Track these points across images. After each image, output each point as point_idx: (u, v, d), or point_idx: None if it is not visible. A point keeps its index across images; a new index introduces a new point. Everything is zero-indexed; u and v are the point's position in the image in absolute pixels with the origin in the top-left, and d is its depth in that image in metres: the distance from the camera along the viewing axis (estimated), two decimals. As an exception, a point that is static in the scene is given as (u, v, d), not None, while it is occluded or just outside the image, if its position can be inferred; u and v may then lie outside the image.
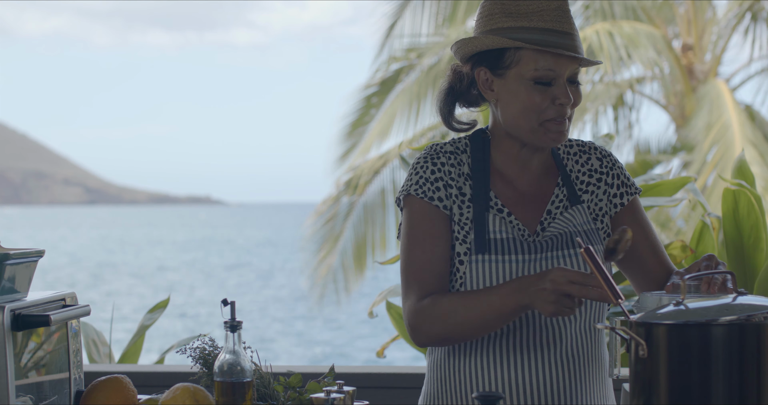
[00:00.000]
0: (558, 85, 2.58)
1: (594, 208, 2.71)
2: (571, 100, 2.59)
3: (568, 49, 2.57)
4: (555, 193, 2.69)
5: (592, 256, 2.36)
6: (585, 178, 2.73)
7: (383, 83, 13.85)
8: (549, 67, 2.57)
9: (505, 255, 2.59)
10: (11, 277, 2.56)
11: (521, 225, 2.63)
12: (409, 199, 2.66)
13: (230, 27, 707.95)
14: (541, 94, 2.58)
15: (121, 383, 2.67)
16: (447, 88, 2.73)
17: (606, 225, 2.71)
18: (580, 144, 2.77)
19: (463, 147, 2.70)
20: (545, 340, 2.60)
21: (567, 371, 2.61)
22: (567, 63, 2.58)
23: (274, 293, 41.84)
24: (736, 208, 4.35)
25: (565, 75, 2.58)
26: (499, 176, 2.68)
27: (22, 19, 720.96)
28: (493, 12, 2.61)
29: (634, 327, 2.20)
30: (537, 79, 2.58)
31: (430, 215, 2.63)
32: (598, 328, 2.57)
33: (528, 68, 2.58)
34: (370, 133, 13.77)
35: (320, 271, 13.54)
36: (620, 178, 2.74)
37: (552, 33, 2.57)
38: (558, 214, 2.67)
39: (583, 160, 2.74)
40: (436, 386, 2.69)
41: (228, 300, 2.52)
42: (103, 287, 43.23)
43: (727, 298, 2.23)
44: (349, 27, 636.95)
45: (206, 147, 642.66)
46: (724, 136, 12.57)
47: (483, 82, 2.65)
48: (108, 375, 2.70)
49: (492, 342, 2.61)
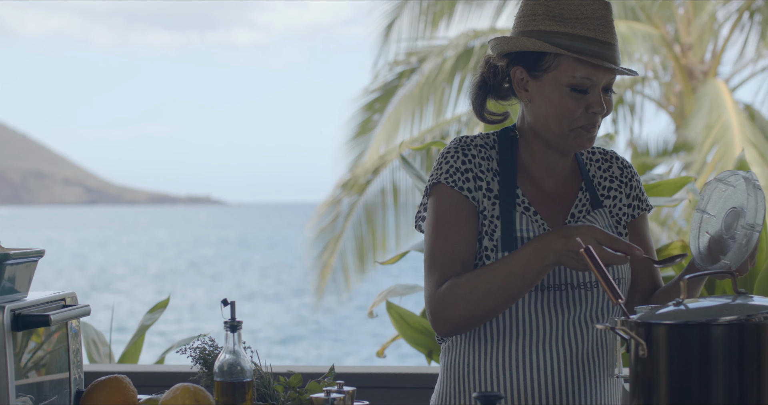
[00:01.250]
0: (593, 94, 2.58)
1: (616, 212, 2.74)
2: (605, 109, 2.59)
3: (607, 60, 2.56)
4: (578, 196, 2.71)
5: (591, 255, 2.36)
6: (606, 183, 2.75)
7: (385, 88, 13.85)
8: (587, 76, 2.57)
9: None
10: (11, 277, 2.56)
11: (546, 225, 2.64)
12: (437, 187, 2.66)
13: (232, 27, 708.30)
14: (575, 101, 2.58)
15: (121, 383, 2.67)
16: (480, 81, 2.73)
17: (626, 231, 2.74)
18: (603, 152, 2.80)
19: (492, 143, 2.70)
20: (565, 341, 2.61)
21: (585, 372, 2.62)
22: (605, 73, 2.58)
23: (274, 294, 41.84)
24: (736, 208, 4.35)
25: (601, 84, 2.59)
26: (526, 175, 2.69)
27: (23, 19, 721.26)
28: (537, 12, 2.60)
29: (634, 327, 2.20)
30: (574, 86, 2.58)
31: (457, 204, 2.63)
32: (597, 328, 2.57)
33: (566, 75, 2.57)
34: (375, 140, 13.76)
35: (323, 272, 13.54)
36: (636, 191, 2.77)
37: (594, 42, 2.56)
38: (581, 217, 2.69)
39: (605, 167, 2.77)
40: (451, 386, 2.69)
41: (228, 300, 2.52)
42: (103, 287, 43.22)
43: (727, 298, 2.23)
44: (350, 27, 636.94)
45: (206, 147, 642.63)
46: (724, 136, 12.57)
47: (518, 81, 2.65)
48: (108, 375, 2.70)
49: (509, 342, 2.61)
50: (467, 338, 2.65)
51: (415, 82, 13.54)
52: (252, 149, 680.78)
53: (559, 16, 2.58)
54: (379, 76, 13.88)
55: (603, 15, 2.58)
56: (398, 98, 13.70)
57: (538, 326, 2.60)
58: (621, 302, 2.34)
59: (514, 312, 2.61)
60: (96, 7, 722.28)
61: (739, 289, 2.31)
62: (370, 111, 13.95)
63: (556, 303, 2.60)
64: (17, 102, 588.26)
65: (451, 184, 2.64)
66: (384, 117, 13.83)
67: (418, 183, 4.68)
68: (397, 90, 13.76)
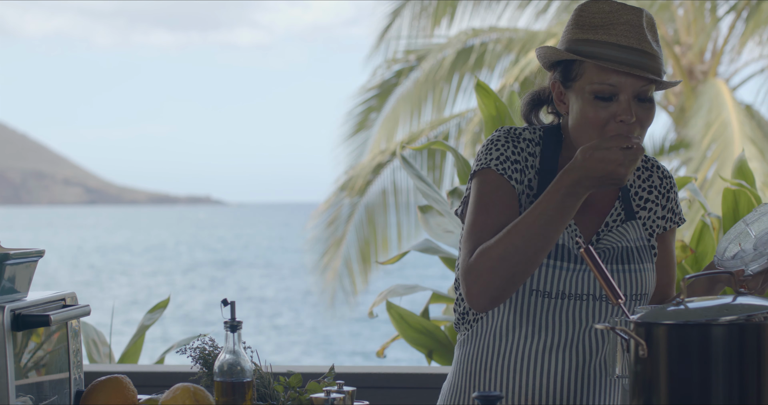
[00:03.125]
0: (620, 102, 2.52)
1: (650, 224, 2.72)
2: (633, 117, 2.52)
3: (632, 65, 2.51)
4: (614, 206, 2.69)
5: (591, 255, 2.36)
6: (644, 194, 2.73)
7: (383, 86, 13.85)
8: (609, 83, 2.52)
9: (556, 261, 2.59)
10: (11, 277, 2.56)
11: (578, 232, 2.63)
12: (485, 171, 2.62)
13: (234, 27, 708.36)
14: (600, 109, 2.53)
15: (121, 383, 2.67)
16: (532, 93, 2.72)
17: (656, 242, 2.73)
18: (644, 160, 2.76)
19: (538, 139, 2.68)
20: (580, 350, 2.61)
21: (596, 382, 2.62)
22: (631, 80, 2.52)
23: (275, 294, 41.84)
24: (736, 208, 4.36)
25: (630, 91, 2.52)
26: None
27: (24, 19, 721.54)
28: (571, 23, 2.59)
29: (634, 327, 2.20)
30: (596, 93, 2.53)
31: (503, 188, 2.60)
32: (597, 328, 2.57)
33: (588, 82, 2.53)
34: (374, 138, 13.75)
35: (326, 275, 13.53)
36: (671, 204, 2.75)
37: (615, 47, 2.51)
38: (615, 227, 2.67)
39: (645, 177, 2.74)
40: (464, 380, 2.69)
41: (228, 300, 2.52)
42: (103, 287, 43.22)
43: (727, 298, 2.23)
44: (351, 27, 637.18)
45: (206, 147, 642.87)
46: (723, 134, 12.57)
47: (557, 94, 2.63)
48: (108, 375, 2.70)
49: (525, 345, 2.62)
50: (484, 334, 2.66)
51: (413, 80, 13.54)
52: (252, 149, 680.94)
53: (586, 24, 2.55)
54: (376, 74, 13.89)
55: (628, 20, 2.52)
56: (396, 96, 13.71)
57: (555, 332, 2.60)
58: (621, 302, 2.34)
59: (535, 315, 2.61)
60: (98, 8, 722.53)
61: (739, 289, 2.31)
62: (368, 109, 13.96)
63: (576, 312, 2.60)
64: (17, 102, 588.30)
65: (501, 171, 2.61)
66: (382, 115, 13.84)
67: (418, 183, 4.68)
68: (395, 88, 13.76)
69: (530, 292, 2.60)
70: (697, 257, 4.52)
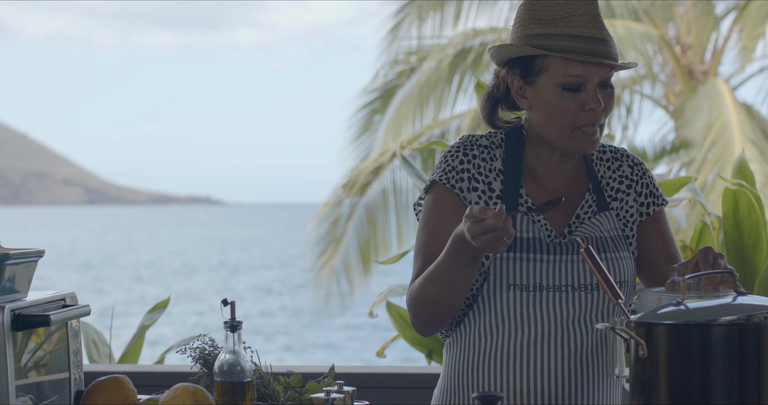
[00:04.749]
0: (587, 91, 2.58)
1: (624, 214, 2.73)
2: (602, 104, 2.58)
3: (596, 55, 2.56)
4: (585, 198, 2.71)
5: (591, 255, 2.36)
6: (615, 184, 2.74)
7: (385, 88, 13.85)
8: (577, 74, 2.57)
9: (529, 253, 2.61)
10: (11, 277, 2.56)
11: (549, 226, 2.65)
12: (434, 186, 2.69)
13: (236, 27, 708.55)
14: (569, 100, 2.58)
15: (121, 383, 2.67)
16: (488, 93, 2.75)
17: (633, 232, 2.73)
18: (613, 150, 2.78)
19: (499, 142, 2.71)
20: (565, 341, 2.61)
21: (586, 376, 2.63)
22: (596, 69, 2.57)
23: (273, 293, 41.84)
24: (737, 208, 4.36)
25: (595, 80, 2.58)
26: (531, 176, 2.70)
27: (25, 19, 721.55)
28: (524, 18, 2.62)
29: (634, 327, 2.20)
30: (565, 85, 2.58)
31: (447, 202, 2.65)
32: (597, 328, 2.57)
33: (556, 75, 2.58)
34: (380, 139, 13.75)
35: (323, 274, 13.53)
36: (649, 188, 2.76)
37: (579, 39, 2.56)
38: (586, 219, 2.68)
39: (615, 167, 2.76)
40: (453, 382, 2.70)
41: (228, 300, 2.52)
42: (103, 287, 43.22)
43: (727, 298, 2.23)
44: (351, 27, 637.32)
45: (206, 147, 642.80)
46: (724, 135, 12.57)
47: (516, 90, 2.66)
48: (108, 375, 2.70)
49: (510, 340, 2.62)
50: (468, 335, 2.66)
51: (415, 81, 13.55)
52: (252, 149, 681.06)
53: (544, 18, 2.59)
54: (378, 75, 13.89)
55: (587, 11, 2.58)
56: (399, 98, 13.71)
57: (537, 326, 2.61)
58: (621, 302, 2.34)
59: (515, 310, 2.61)
60: (99, 8, 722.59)
61: (739, 289, 2.31)
62: (372, 111, 13.96)
63: (556, 303, 2.61)
64: (17, 102, 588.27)
65: (444, 181, 2.66)
66: (386, 117, 13.84)
67: (418, 183, 4.68)
68: (398, 90, 13.76)
69: (507, 286, 2.61)
70: (697, 257, 4.52)
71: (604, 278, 2.35)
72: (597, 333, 2.63)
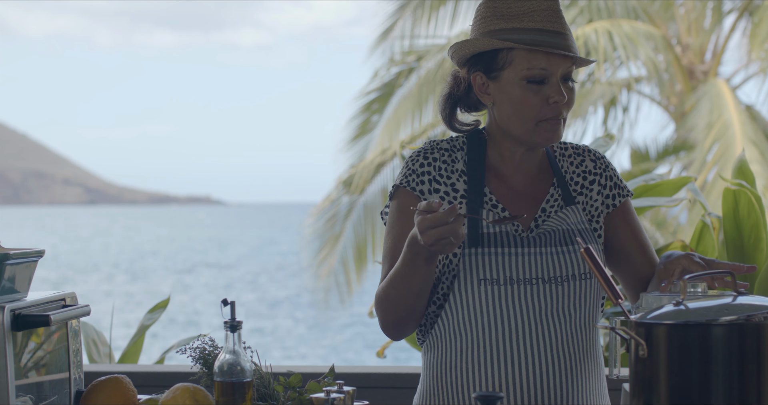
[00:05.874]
0: (551, 84, 2.62)
1: (589, 208, 2.75)
2: (565, 97, 2.62)
3: (559, 48, 2.60)
4: (550, 192, 2.73)
5: (591, 255, 2.36)
6: (579, 179, 2.77)
7: (383, 88, 13.85)
8: (542, 66, 2.60)
9: (497, 247, 2.63)
10: (11, 277, 2.56)
11: (515, 222, 2.66)
12: (398, 190, 2.73)
13: (238, 27, 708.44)
14: (534, 93, 2.61)
15: (121, 383, 2.67)
16: (447, 94, 2.77)
17: (600, 225, 2.75)
18: (575, 147, 2.81)
19: (460, 145, 2.75)
20: (539, 335, 2.61)
21: (563, 369, 2.62)
22: (559, 62, 2.61)
23: (274, 294, 41.85)
24: (737, 208, 4.36)
25: (558, 73, 2.62)
26: (495, 174, 2.72)
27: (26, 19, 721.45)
28: (486, 15, 2.66)
29: (634, 327, 2.20)
30: (530, 78, 2.61)
31: (409, 206, 2.68)
32: (598, 328, 2.57)
33: (520, 68, 2.61)
34: (376, 142, 13.76)
35: (321, 271, 13.53)
36: (613, 180, 2.79)
37: (543, 33, 2.60)
38: (552, 213, 2.70)
39: (578, 162, 2.78)
40: (432, 384, 2.70)
41: (228, 300, 2.52)
42: (103, 287, 43.22)
43: (727, 298, 2.23)
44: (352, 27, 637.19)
45: (206, 147, 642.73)
46: (725, 135, 12.57)
47: (479, 86, 2.69)
48: (108, 375, 2.70)
49: (484, 338, 2.62)
50: (443, 335, 2.67)
51: (414, 81, 13.55)
52: (252, 149, 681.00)
53: (506, 14, 2.63)
54: (377, 75, 13.90)
55: (549, 5, 2.63)
56: (398, 98, 13.72)
57: (510, 319, 2.61)
58: (621, 302, 2.34)
59: (487, 305, 2.62)
60: (101, 8, 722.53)
61: (739, 289, 2.31)
62: (369, 111, 13.97)
63: (528, 296, 2.62)
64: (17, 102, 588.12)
65: (406, 185, 2.70)
66: (384, 117, 13.84)
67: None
68: (396, 90, 13.77)
69: (478, 281, 2.62)
70: (697, 257, 4.52)
71: (605, 278, 2.36)
72: (571, 325, 2.63)
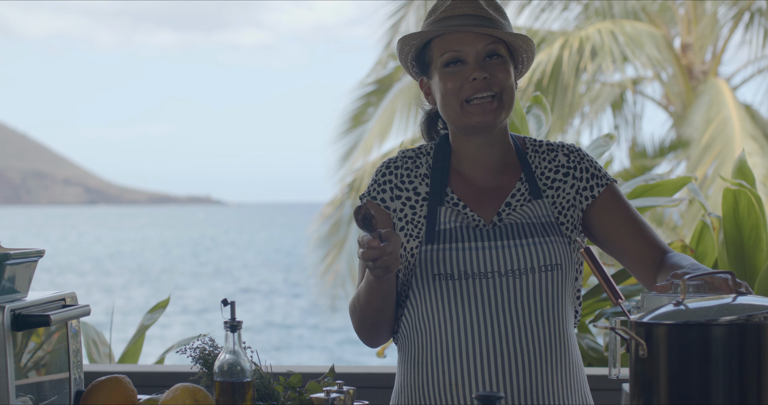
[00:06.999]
0: (468, 63, 2.65)
1: (560, 201, 2.74)
2: (483, 74, 2.63)
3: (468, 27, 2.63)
4: (517, 187, 2.74)
5: (591, 255, 2.36)
6: (551, 174, 2.76)
7: (381, 81, 13.86)
8: (453, 49, 2.65)
9: (452, 243, 2.64)
10: (11, 277, 2.56)
11: (476, 216, 2.69)
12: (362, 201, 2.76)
13: (239, 27, 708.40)
14: (453, 76, 2.66)
15: (121, 383, 2.67)
16: (424, 117, 2.86)
17: (572, 219, 2.73)
18: (549, 143, 2.82)
19: (427, 150, 2.80)
20: (496, 326, 2.62)
21: (525, 362, 2.63)
22: (472, 41, 2.65)
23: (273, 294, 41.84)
24: (737, 208, 4.36)
25: (474, 52, 2.65)
26: (458, 175, 2.75)
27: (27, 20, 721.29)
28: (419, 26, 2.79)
29: (634, 327, 2.20)
30: (446, 62, 2.66)
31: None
32: (598, 328, 2.57)
33: (438, 56, 2.68)
34: (370, 133, 13.78)
35: (327, 278, 13.52)
36: (589, 171, 2.77)
37: (453, 18, 2.66)
38: (518, 206, 2.71)
39: (551, 157, 2.78)
40: (401, 380, 2.74)
41: (228, 300, 2.52)
42: (103, 287, 43.21)
43: (727, 298, 2.23)
44: (353, 27, 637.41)
45: (206, 147, 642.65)
46: (724, 130, 12.58)
47: (425, 90, 2.78)
48: (108, 375, 2.70)
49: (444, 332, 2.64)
50: (408, 333, 2.70)
51: (412, 80, 13.55)
52: (252, 149, 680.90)
53: (431, 13, 2.72)
54: (374, 70, 13.93)
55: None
56: (394, 92, 13.73)
57: (467, 314, 2.63)
58: (621, 302, 2.34)
59: (443, 300, 2.64)
60: (102, 8, 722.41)
61: (739, 289, 2.30)
62: (365, 104, 13.99)
63: (484, 290, 2.63)
64: (17, 102, 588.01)
65: (366, 195, 2.77)
66: (379, 109, 13.86)
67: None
68: (394, 84, 13.78)
69: (433, 277, 2.64)
70: (697, 257, 4.52)
71: (604, 278, 2.35)
72: (533, 317, 2.64)
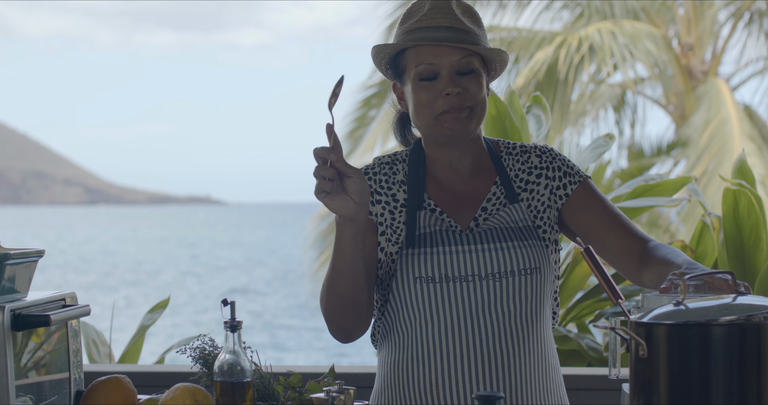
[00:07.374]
0: (442, 77, 2.64)
1: (536, 204, 2.74)
2: (456, 89, 2.62)
3: (443, 41, 2.62)
4: (492, 191, 2.74)
5: (591, 256, 2.36)
6: (525, 176, 2.76)
7: (383, 83, 13.86)
8: (428, 62, 2.64)
9: (433, 247, 2.65)
10: (11, 277, 2.56)
11: (453, 222, 2.69)
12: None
13: (239, 27, 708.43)
14: (427, 89, 2.65)
15: (121, 383, 2.67)
16: (396, 118, 2.85)
17: (549, 220, 2.74)
18: (522, 145, 2.82)
19: (403, 157, 2.79)
20: (476, 329, 2.63)
21: (502, 365, 2.63)
22: (447, 54, 2.63)
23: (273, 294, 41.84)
24: (737, 208, 4.36)
25: (448, 66, 2.63)
26: (433, 181, 2.75)
27: (28, 20, 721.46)
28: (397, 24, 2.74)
29: (634, 327, 2.20)
30: (420, 75, 2.65)
31: None
32: (598, 328, 2.57)
33: (412, 67, 2.66)
34: (371, 135, 13.78)
35: (322, 276, 13.52)
36: (561, 170, 2.77)
37: (428, 29, 2.64)
38: (495, 211, 2.72)
39: (524, 159, 2.78)
40: (381, 382, 2.74)
41: (228, 300, 2.52)
42: (103, 287, 43.22)
43: (727, 298, 2.23)
44: (352, 27, 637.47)
45: (206, 147, 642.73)
46: (722, 130, 12.58)
47: (398, 95, 2.77)
48: (108, 375, 2.70)
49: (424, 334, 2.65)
50: (389, 335, 2.71)
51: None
52: (252, 149, 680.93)
53: (404, 20, 2.70)
54: (376, 72, 13.91)
55: (435, 5, 2.66)
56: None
57: (447, 316, 2.63)
58: (621, 302, 2.34)
59: (424, 303, 2.64)
60: (102, 8, 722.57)
61: (739, 289, 2.30)
62: (367, 106, 13.99)
63: (464, 293, 2.63)
64: (17, 102, 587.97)
65: None
66: (381, 111, 13.86)
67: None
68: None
69: (414, 280, 2.64)
70: (697, 257, 4.52)
71: (605, 279, 2.35)
72: (512, 320, 2.64)
